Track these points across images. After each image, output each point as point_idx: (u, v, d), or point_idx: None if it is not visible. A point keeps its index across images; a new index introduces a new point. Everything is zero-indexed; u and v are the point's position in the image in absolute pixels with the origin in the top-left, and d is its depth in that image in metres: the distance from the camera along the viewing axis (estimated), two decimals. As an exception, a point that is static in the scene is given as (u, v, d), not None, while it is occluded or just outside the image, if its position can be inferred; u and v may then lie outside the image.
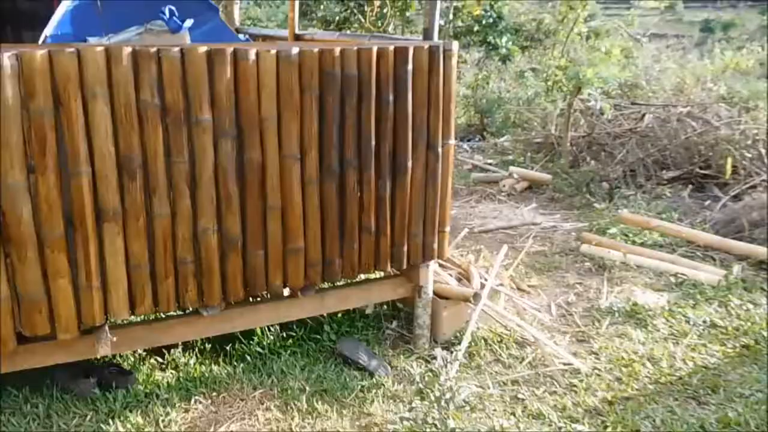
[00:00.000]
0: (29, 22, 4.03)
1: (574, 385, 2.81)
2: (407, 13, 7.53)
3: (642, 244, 4.32)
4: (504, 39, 7.38)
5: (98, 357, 2.52)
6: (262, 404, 2.64)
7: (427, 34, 2.96)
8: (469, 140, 7.44)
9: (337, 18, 7.34)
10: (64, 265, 2.19)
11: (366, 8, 7.24)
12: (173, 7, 3.19)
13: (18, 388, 2.59)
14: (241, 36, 4.29)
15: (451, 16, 7.66)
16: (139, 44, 2.54)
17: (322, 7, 7.71)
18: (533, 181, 5.77)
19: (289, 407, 2.61)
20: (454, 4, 7.61)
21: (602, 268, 4.03)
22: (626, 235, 4.46)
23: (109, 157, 2.17)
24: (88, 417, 2.51)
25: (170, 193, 2.33)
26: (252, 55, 2.37)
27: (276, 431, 2.50)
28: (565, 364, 2.96)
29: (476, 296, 3.10)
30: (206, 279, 2.48)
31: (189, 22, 3.25)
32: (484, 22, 7.26)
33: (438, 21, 3.00)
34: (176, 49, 2.23)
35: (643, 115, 6.26)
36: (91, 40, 3.06)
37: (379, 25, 7.22)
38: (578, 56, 7.82)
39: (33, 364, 2.39)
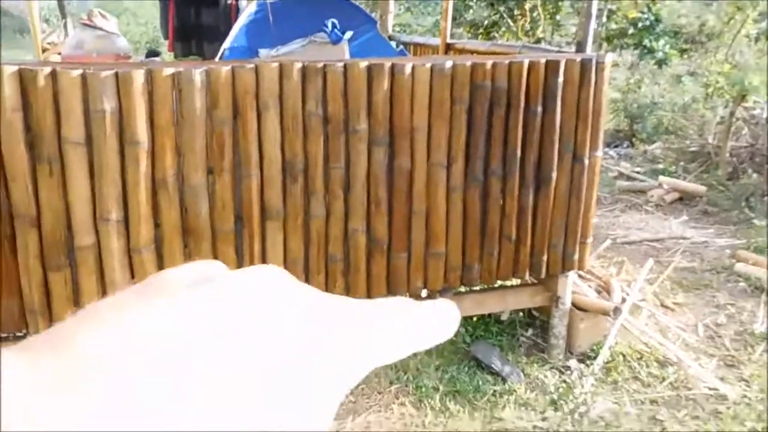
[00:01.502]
0: (211, 36, 4.49)
1: (720, 412, 2.69)
2: (557, 16, 7.38)
3: (807, 268, 3.97)
4: (661, 42, 7.01)
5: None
6: (398, 399, 2.78)
7: (580, 47, 2.95)
8: (616, 146, 7.16)
9: (486, 22, 7.35)
10: (233, 257, 2.46)
11: (516, 12, 7.19)
12: (335, 20, 3.42)
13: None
14: (393, 43, 4.47)
15: (604, 19, 7.40)
16: (305, 58, 2.76)
17: (471, 11, 7.76)
18: (685, 193, 5.46)
19: (422, 404, 2.74)
20: (609, 6, 7.36)
21: (758, 289, 3.77)
22: (789, 257, 4.12)
23: (276, 162, 2.41)
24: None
25: (326, 196, 2.53)
26: (408, 69, 2.51)
27: (409, 426, 2.63)
28: (710, 388, 2.83)
29: (616, 310, 3.04)
30: (353, 277, 2.66)
31: (348, 34, 3.47)
32: (640, 24, 6.94)
33: (591, 32, 2.98)
34: (340, 64, 2.41)
35: (818, 126, 5.71)
36: (263, 51, 3.36)
37: (529, 29, 7.14)
38: (744, 60, 7.25)
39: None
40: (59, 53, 4.13)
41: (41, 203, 2.15)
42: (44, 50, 4.01)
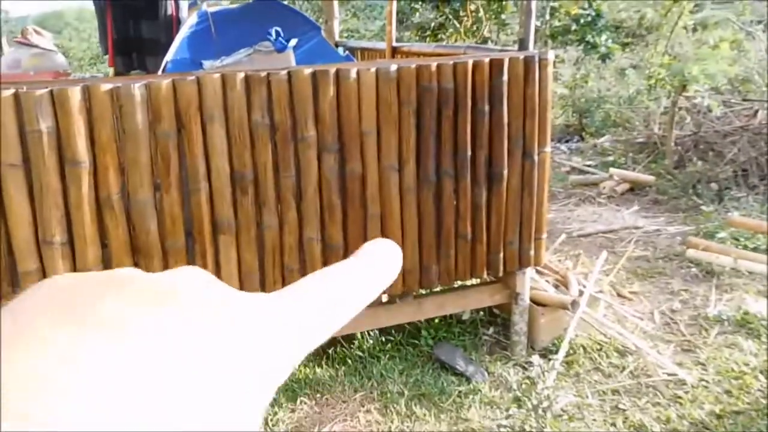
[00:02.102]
0: (152, 49, 4.39)
1: (679, 397, 2.74)
2: (502, 16, 7.49)
3: (755, 249, 4.10)
4: (603, 37, 7.17)
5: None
6: (363, 407, 2.76)
7: (522, 44, 2.98)
8: (566, 141, 7.30)
9: (433, 24, 7.40)
10: (186, 273, 2.40)
11: (461, 13, 7.26)
12: (279, 29, 3.39)
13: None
14: (340, 50, 4.46)
15: (547, 16, 7.54)
16: (249, 67, 2.72)
17: (417, 14, 7.80)
18: (635, 183, 5.60)
19: (388, 410, 2.72)
20: (551, 3, 7.49)
21: (710, 274, 3.87)
22: (737, 240, 4.25)
23: (224, 174, 2.36)
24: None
25: (278, 206, 2.49)
26: (353, 74, 2.50)
27: (377, 432, 2.61)
28: (669, 374, 2.89)
29: (574, 303, 3.08)
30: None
31: (293, 42, 3.44)
32: (582, 21, 7.08)
33: (533, 30, 3.02)
34: (284, 72, 2.39)
35: (756, 112, 5.92)
36: (206, 63, 3.31)
37: (475, 29, 7.22)
38: (684, 51, 7.48)
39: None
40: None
41: (-22, 230, 2.06)
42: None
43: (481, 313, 3.35)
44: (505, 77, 2.75)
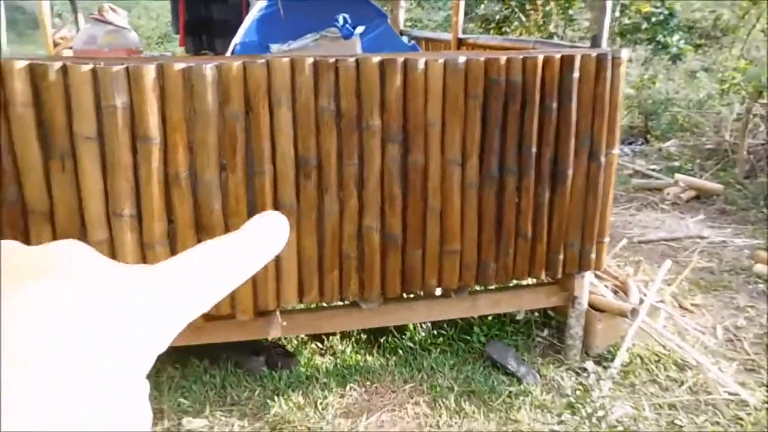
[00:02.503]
0: (222, 30, 4.45)
1: (740, 418, 2.63)
2: (570, 11, 7.31)
3: (829, 268, 3.90)
4: (675, 37, 6.91)
5: (268, 338, 2.76)
6: (412, 398, 2.75)
7: (595, 41, 2.89)
8: (630, 143, 7.08)
9: (498, 17, 7.29)
10: (245, 254, 2.43)
11: (527, 6, 7.12)
12: (347, 16, 3.38)
13: (199, 360, 2.90)
14: (405, 39, 4.42)
15: (617, 14, 7.32)
16: (315, 52, 2.72)
17: (482, 6, 7.69)
18: (702, 191, 5.39)
19: (437, 404, 2.70)
20: (622, 0, 7.27)
21: (779, 291, 3.70)
22: (810, 257, 4.04)
23: (289, 158, 2.37)
24: (257, 392, 2.76)
25: (340, 192, 2.49)
26: (421, 64, 2.47)
27: (424, 426, 2.59)
28: (730, 393, 2.77)
29: (634, 311, 2.99)
30: (367, 274, 2.62)
31: (360, 29, 3.43)
32: (653, 19, 6.85)
33: (607, 27, 2.92)
34: (352, 59, 2.38)
35: (839, 123, 5.61)
36: (274, 46, 3.33)
37: (541, 24, 7.07)
38: (761, 56, 7.15)
39: (214, 339, 2.66)
40: (70, 48, 4.12)
41: (54, 198, 2.13)
42: (56, 45, 4.00)
43: (536, 314, 3.29)
44: (576, 74, 2.68)
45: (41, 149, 2.07)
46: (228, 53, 3.44)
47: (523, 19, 7.13)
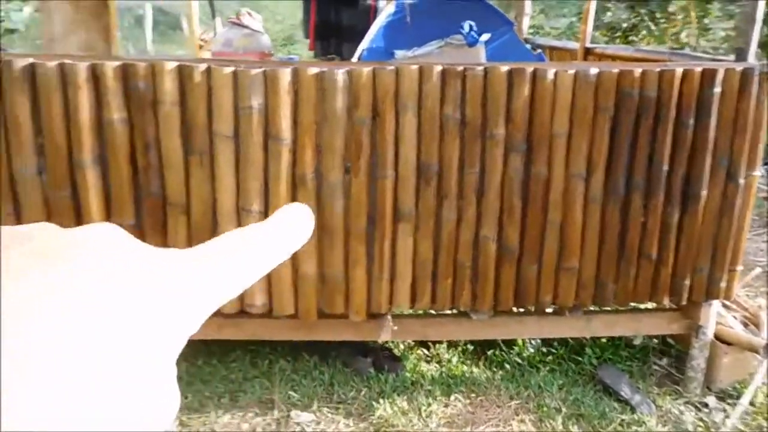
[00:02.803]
0: (350, 35, 4.57)
1: None
2: (705, 20, 6.89)
3: None
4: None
5: (378, 341, 2.80)
6: (517, 415, 2.69)
7: (741, 55, 2.70)
8: (766, 164, 6.56)
9: (625, 25, 6.99)
10: (363, 256, 2.47)
11: (657, 15, 6.78)
12: (473, 23, 3.36)
13: (309, 355, 2.99)
14: (528, 46, 4.34)
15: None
16: (439, 59, 2.72)
17: (608, 13, 7.42)
18: None
19: (543, 424, 2.62)
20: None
21: None
22: None
23: (411, 164, 2.39)
24: (363, 392, 2.80)
25: (459, 200, 2.48)
26: (550, 75, 2.41)
27: (529, 445, 2.53)
28: None
29: (767, 347, 2.76)
30: (480, 285, 2.59)
31: (485, 37, 3.40)
32: (802, 31, 6.30)
33: (756, 40, 2.72)
34: (480, 68, 2.36)
35: None
36: (399, 52, 3.37)
37: (672, 33, 6.71)
38: None
39: (326, 337, 2.73)
40: (209, 50, 4.39)
41: (191, 192, 2.26)
42: (200, 47, 4.27)
43: (654, 340, 3.12)
44: (718, 89, 2.51)
45: (183, 146, 2.21)
46: (354, 58, 3.53)
47: (653, 27, 6.80)
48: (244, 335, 2.66)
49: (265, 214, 2.34)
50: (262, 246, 0.28)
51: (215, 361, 2.92)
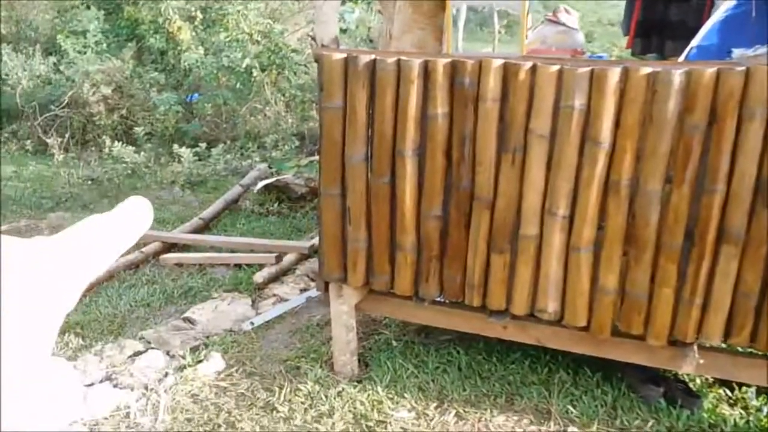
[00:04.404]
0: (675, 32, 4.21)
1: None
2: None
3: None
4: None
5: (676, 371, 2.52)
6: None
7: None
8: None
9: None
10: (673, 276, 2.23)
11: None
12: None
13: (592, 372, 2.82)
14: None
15: None
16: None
17: None
18: None
19: None
20: None
21: None
22: None
23: (749, 178, 2.08)
24: (650, 423, 2.55)
25: (806, 229, 2.09)
26: None
27: None
28: None
29: None
30: (820, 330, 2.17)
31: None
32: None
33: None
34: None
35: None
36: (737, 51, 2.98)
37: None
38: None
39: (615, 356, 2.54)
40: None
41: (499, 189, 2.27)
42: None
43: None
44: None
45: (497, 143, 2.22)
46: (681, 58, 3.22)
47: None
48: (529, 339, 2.60)
49: (571, 219, 2.24)
50: (112, 236, 0.35)
51: (495, 359, 2.92)
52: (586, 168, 2.16)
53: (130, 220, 0.37)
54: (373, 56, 2.22)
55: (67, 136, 7.02)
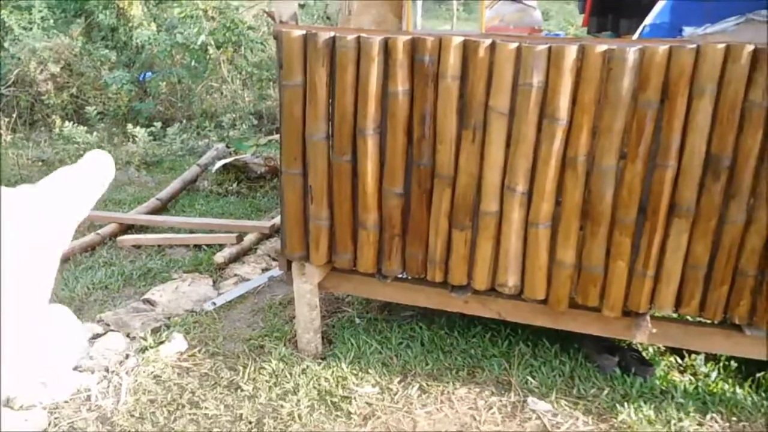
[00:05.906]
0: (630, 11, 4.28)
1: None
2: None
3: None
4: None
5: (630, 341, 2.62)
6: (792, 452, 2.34)
7: None
8: None
9: None
10: (627, 249, 2.31)
11: None
12: (784, -4, 2.91)
13: (551, 344, 2.90)
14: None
15: None
16: (734, 37, 2.40)
17: None
18: None
19: (826, 469, 2.25)
20: None
21: None
22: None
23: (698, 155, 2.15)
24: (605, 392, 2.65)
25: (750, 200, 2.19)
26: None
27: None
28: None
29: None
30: (763, 297, 2.28)
31: (798, 13, 2.93)
32: None
33: None
34: (803, 48, 2.02)
35: None
36: (687, 29, 3.06)
37: None
38: None
39: (572, 327, 2.62)
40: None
41: (459, 166, 2.29)
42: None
43: None
44: None
45: (457, 120, 2.24)
46: (635, 36, 3.28)
47: None
48: (490, 313, 2.66)
49: (529, 195, 2.29)
50: (85, 181, 0.66)
51: (456, 334, 2.98)
52: (543, 145, 2.20)
53: (97, 170, 0.53)
54: (333, 33, 2.21)
55: (14, 116, 6.78)
